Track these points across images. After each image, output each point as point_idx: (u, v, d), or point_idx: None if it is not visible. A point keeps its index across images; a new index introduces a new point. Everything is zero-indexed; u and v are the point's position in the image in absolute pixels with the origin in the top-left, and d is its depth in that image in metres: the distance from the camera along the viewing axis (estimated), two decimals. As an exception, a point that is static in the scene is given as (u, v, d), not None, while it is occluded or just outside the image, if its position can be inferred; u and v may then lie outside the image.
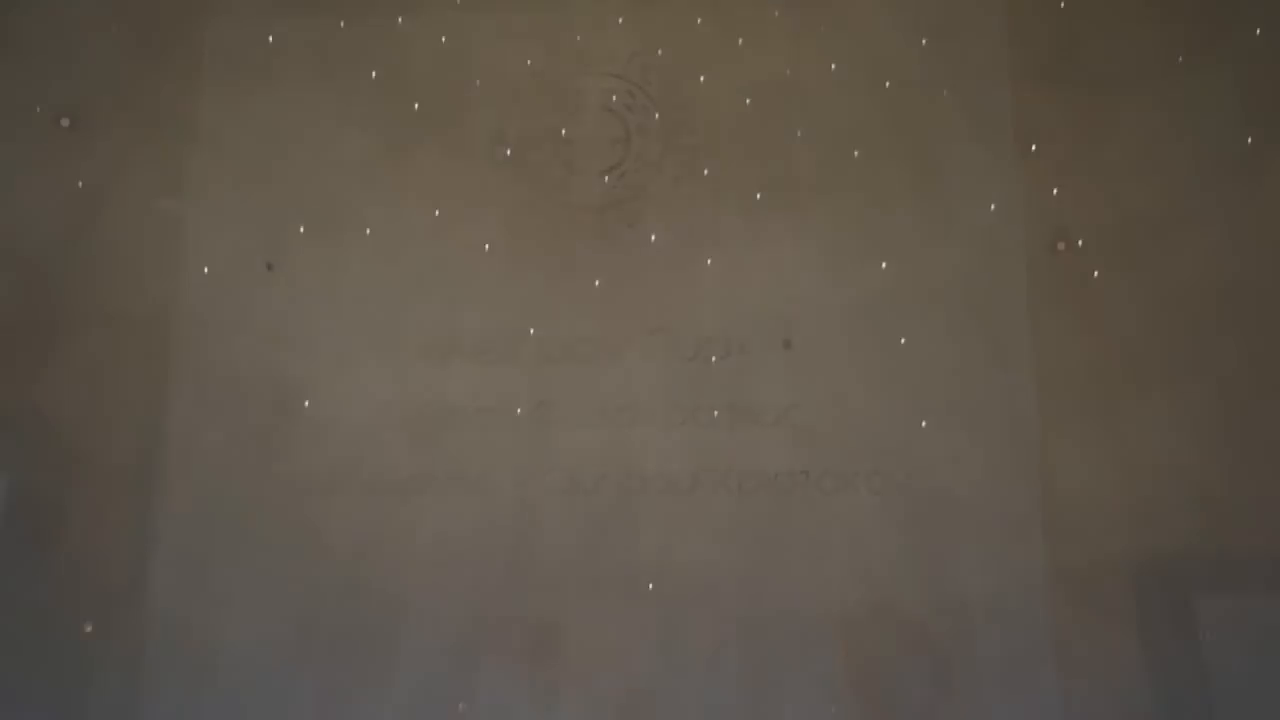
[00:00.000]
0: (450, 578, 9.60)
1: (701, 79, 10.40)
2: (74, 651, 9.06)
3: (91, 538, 9.35)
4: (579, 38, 10.48)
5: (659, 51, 10.42)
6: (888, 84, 10.24)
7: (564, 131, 10.39)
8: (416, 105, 10.30)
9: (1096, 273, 9.73)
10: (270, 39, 10.35)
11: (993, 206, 9.92)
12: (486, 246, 10.15)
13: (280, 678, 9.35)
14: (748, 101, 10.31)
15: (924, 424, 9.70)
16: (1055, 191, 9.86)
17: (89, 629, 9.13)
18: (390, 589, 9.57)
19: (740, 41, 10.38)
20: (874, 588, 9.47)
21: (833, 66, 10.29)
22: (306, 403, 9.75)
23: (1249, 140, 9.68)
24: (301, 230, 10.00)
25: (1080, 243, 9.79)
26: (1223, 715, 8.71)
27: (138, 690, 9.14)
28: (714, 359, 10.04)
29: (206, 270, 9.85)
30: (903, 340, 9.88)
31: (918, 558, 9.55)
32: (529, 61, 10.43)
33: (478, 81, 10.38)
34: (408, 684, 9.43)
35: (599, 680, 9.39)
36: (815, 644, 9.45)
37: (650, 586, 9.53)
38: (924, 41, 10.25)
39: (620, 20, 10.46)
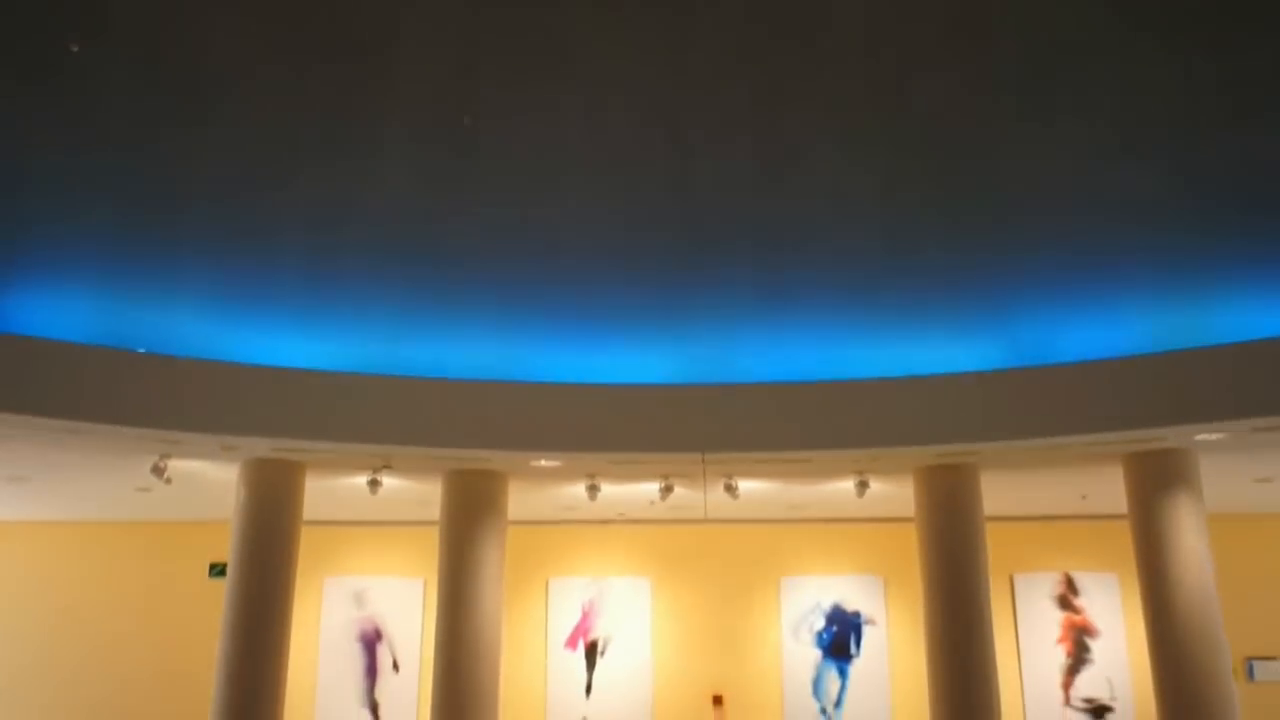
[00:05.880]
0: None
1: None
2: (67, 67, 8.72)
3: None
4: None
5: None
6: None
7: None
8: None
9: None
10: None
11: None
12: None
13: (279, 102, 9.16)
14: None
15: None
16: None
17: (75, 49, 8.72)
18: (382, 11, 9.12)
19: None
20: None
21: None
22: None
23: None
24: None
25: None
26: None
27: (142, 106, 8.94)
28: None
29: None
30: None
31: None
32: None
33: None
34: (411, 102, 9.30)
35: (602, 79, 9.27)
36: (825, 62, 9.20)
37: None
38: None
39: None
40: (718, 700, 12.16)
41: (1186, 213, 8.87)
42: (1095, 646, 12.07)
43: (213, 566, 12.57)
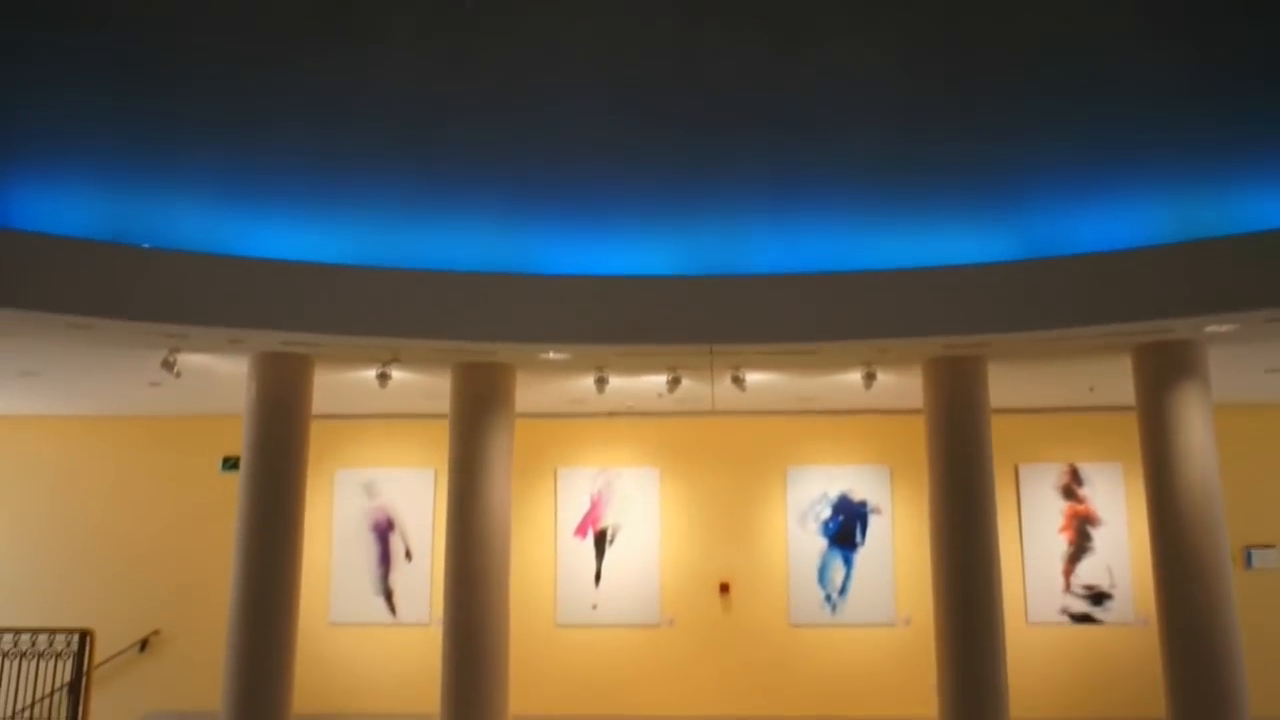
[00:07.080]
0: None
1: None
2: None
3: None
4: None
5: None
6: None
7: None
8: None
9: None
10: None
11: None
12: None
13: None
14: None
15: None
16: None
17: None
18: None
19: None
20: None
21: None
22: None
23: None
24: None
25: None
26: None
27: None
28: None
29: None
30: None
31: None
32: None
33: None
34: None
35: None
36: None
37: None
38: None
39: None
40: (724, 588, 12.41)
41: (1205, 99, 8.64)
42: (1097, 535, 12.23)
43: (225, 460, 12.72)
